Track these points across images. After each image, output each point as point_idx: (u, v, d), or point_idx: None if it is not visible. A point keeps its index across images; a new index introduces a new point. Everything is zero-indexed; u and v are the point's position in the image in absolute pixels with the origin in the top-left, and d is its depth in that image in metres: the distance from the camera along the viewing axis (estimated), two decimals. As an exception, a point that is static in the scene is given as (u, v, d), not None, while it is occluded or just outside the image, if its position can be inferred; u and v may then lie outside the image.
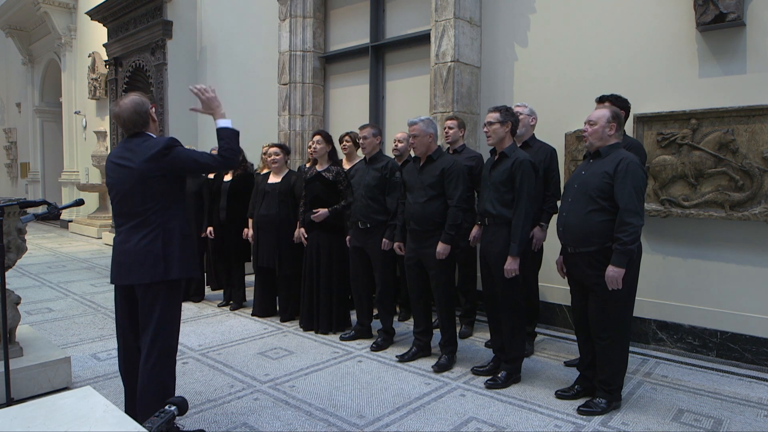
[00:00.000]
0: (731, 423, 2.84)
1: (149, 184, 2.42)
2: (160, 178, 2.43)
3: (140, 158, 2.41)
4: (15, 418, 1.24)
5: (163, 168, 2.41)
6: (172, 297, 2.51)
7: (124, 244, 2.47)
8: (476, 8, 4.84)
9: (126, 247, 2.46)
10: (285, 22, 6.41)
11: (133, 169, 2.42)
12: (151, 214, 2.44)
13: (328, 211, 4.21)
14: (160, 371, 2.47)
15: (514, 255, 3.15)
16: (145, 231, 2.44)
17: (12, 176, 16.70)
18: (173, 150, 2.43)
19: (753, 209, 3.52)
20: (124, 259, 2.47)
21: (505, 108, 3.31)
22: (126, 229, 2.48)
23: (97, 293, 5.77)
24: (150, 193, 2.43)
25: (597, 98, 3.43)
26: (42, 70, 14.09)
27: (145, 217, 2.44)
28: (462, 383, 3.35)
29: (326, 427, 2.79)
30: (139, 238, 2.44)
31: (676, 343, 3.90)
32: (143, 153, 2.41)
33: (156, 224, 2.44)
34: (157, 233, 2.43)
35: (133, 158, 2.43)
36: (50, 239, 10.48)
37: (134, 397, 2.57)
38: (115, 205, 2.53)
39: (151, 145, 2.43)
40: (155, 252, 2.42)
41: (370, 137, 4.06)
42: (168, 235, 2.45)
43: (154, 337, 2.45)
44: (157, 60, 8.46)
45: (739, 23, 3.54)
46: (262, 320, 4.75)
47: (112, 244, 2.59)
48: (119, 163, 2.47)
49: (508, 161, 3.22)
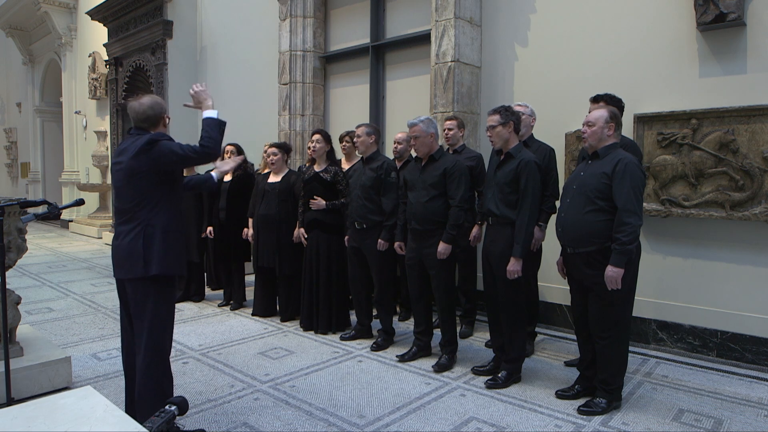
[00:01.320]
0: (731, 423, 2.84)
1: (137, 180, 2.43)
2: (148, 174, 2.43)
3: (129, 155, 2.44)
4: (15, 417, 1.24)
5: (149, 163, 2.41)
6: (163, 295, 2.51)
7: (115, 240, 2.54)
8: (476, 8, 4.84)
9: (116, 243, 2.52)
10: (285, 21, 6.41)
11: (123, 166, 2.45)
12: (138, 211, 2.46)
13: (326, 204, 4.22)
14: (154, 370, 2.48)
15: (517, 256, 3.14)
16: (130, 227, 2.47)
17: (12, 176, 16.71)
18: (157, 144, 2.42)
19: (753, 209, 3.52)
20: (114, 254, 2.53)
21: (504, 108, 3.28)
22: (117, 225, 2.54)
23: (98, 293, 5.78)
24: (138, 190, 2.45)
25: (591, 98, 3.43)
26: (42, 70, 14.09)
27: (132, 213, 2.47)
28: (462, 383, 3.35)
29: (326, 426, 2.79)
30: (125, 235, 2.47)
31: (677, 343, 3.90)
32: (132, 150, 2.43)
33: (140, 221, 2.45)
34: (140, 230, 2.45)
35: (125, 155, 2.46)
36: (50, 239, 10.49)
37: (133, 395, 2.59)
38: (113, 203, 2.59)
39: (139, 141, 2.44)
40: (137, 249, 2.43)
41: (363, 136, 4.04)
42: (150, 231, 2.45)
43: (147, 336, 2.47)
44: (157, 60, 8.46)
45: (740, 23, 3.54)
46: (263, 320, 4.75)
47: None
48: (116, 160, 2.54)
49: (514, 162, 3.20)
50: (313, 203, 4.23)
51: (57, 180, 13.07)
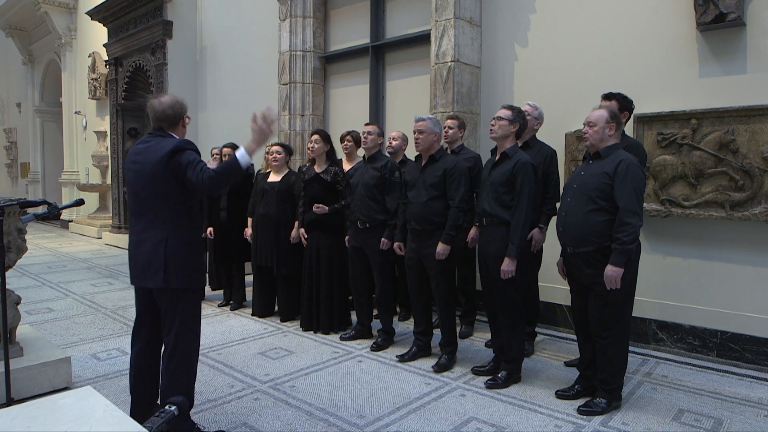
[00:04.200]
0: (731, 423, 2.84)
1: (159, 185, 2.38)
2: (171, 180, 2.38)
3: (152, 158, 2.38)
4: (15, 418, 1.24)
5: (171, 170, 2.37)
6: (191, 303, 2.53)
7: (134, 246, 2.48)
8: (476, 8, 4.84)
9: (136, 250, 2.47)
10: (285, 22, 6.41)
11: (145, 168, 2.40)
12: (160, 217, 2.41)
13: (329, 210, 4.23)
14: (180, 373, 2.50)
15: (511, 257, 3.15)
16: (151, 234, 2.42)
17: (12, 176, 16.71)
18: (183, 153, 2.37)
19: (753, 209, 3.52)
20: (136, 260, 2.48)
21: (519, 109, 3.32)
22: (137, 229, 2.48)
23: (98, 293, 5.77)
24: (160, 195, 2.40)
25: (603, 95, 3.43)
26: (42, 70, 14.08)
27: (155, 219, 2.41)
28: (462, 383, 3.35)
29: (326, 427, 2.79)
30: (147, 241, 2.43)
31: (677, 343, 3.90)
32: (156, 152, 2.38)
33: (161, 229, 2.41)
34: (161, 239, 2.40)
35: (147, 156, 2.41)
36: (50, 239, 10.48)
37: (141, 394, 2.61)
38: (129, 204, 2.54)
39: (165, 145, 2.40)
40: (159, 259, 2.40)
41: (374, 134, 4.09)
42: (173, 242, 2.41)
43: (176, 341, 2.47)
44: (157, 60, 8.46)
45: (740, 23, 3.54)
46: (262, 320, 4.75)
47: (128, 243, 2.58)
48: (135, 159, 2.47)
49: (510, 162, 3.21)
50: (317, 210, 4.23)
51: (57, 180, 13.07)
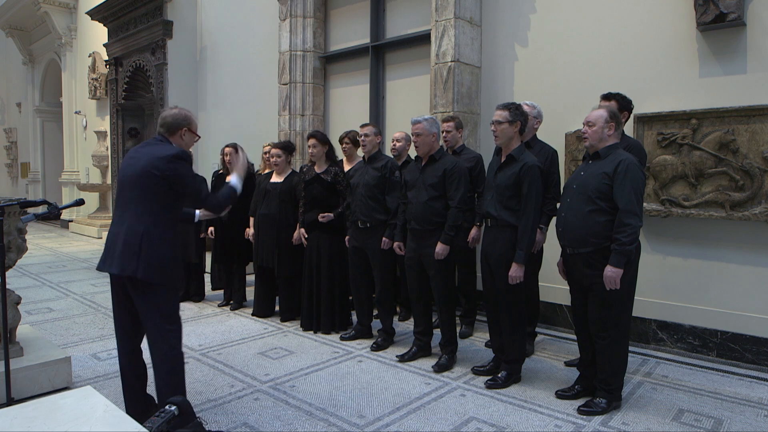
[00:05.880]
0: (731, 423, 2.84)
1: (148, 180, 2.45)
2: (161, 181, 2.45)
3: (149, 155, 2.48)
4: (15, 417, 1.24)
5: (163, 171, 2.44)
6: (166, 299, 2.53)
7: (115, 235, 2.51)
8: (476, 8, 4.84)
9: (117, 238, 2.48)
10: (285, 22, 6.41)
11: (139, 162, 2.49)
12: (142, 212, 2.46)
13: (333, 216, 4.25)
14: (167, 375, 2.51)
15: (519, 262, 3.13)
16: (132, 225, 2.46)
17: (12, 176, 16.71)
18: (181, 162, 2.48)
19: (753, 209, 3.52)
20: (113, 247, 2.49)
21: (515, 106, 3.21)
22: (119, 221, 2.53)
23: (98, 293, 5.77)
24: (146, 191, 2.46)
25: (603, 95, 3.42)
26: (42, 70, 14.08)
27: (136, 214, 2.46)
28: (462, 383, 3.35)
29: (326, 427, 2.79)
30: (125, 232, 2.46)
31: (677, 343, 3.90)
32: (154, 152, 2.49)
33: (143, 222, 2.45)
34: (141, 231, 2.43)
35: (142, 155, 2.51)
36: (50, 239, 10.48)
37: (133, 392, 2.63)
38: (116, 197, 2.61)
39: (166, 148, 2.52)
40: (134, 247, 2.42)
41: (372, 135, 4.08)
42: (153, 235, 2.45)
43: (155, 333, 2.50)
44: (157, 60, 8.45)
45: (740, 23, 3.54)
46: (263, 320, 4.75)
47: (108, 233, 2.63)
48: (131, 156, 2.58)
49: (516, 165, 3.17)
50: (323, 219, 4.23)
51: (57, 180, 13.07)
